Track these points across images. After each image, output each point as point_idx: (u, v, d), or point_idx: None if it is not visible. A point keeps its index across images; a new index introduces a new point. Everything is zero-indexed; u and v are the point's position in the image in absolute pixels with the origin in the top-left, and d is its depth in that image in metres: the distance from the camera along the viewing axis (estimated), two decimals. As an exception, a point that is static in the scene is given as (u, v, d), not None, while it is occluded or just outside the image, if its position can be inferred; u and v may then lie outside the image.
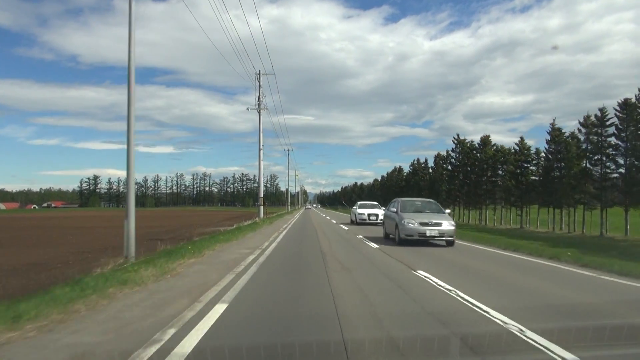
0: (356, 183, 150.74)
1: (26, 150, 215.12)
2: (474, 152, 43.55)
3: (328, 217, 43.68)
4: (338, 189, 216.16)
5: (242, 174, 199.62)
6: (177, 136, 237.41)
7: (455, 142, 46.14)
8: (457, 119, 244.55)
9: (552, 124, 33.81)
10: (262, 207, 34.94)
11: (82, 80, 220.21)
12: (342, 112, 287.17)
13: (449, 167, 48.59)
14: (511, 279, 8.18)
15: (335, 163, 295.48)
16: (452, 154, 47.49)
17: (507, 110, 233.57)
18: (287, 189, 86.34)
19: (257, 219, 31.04)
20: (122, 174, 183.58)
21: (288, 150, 63.68)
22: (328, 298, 5.92)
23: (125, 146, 9.57)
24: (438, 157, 52.07)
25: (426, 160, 58.27)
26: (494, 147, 41.49)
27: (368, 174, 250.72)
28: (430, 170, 55.06)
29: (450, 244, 13.72)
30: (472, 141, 44.93)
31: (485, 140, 42.31)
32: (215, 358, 3.68)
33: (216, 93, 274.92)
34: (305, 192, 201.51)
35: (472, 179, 43.30)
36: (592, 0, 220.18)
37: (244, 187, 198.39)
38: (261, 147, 33.54)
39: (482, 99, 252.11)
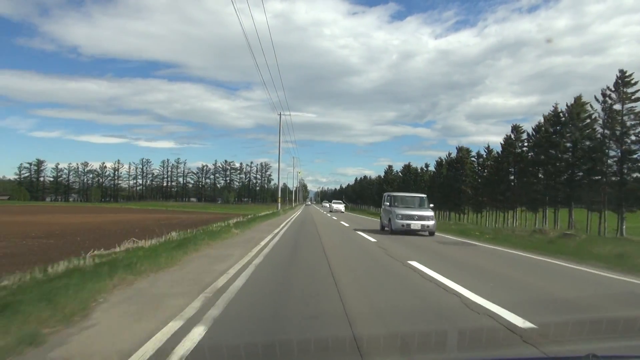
0: (390, 166, 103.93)
1: (27, 142, 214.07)
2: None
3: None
4: (338, 186, 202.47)
5: (226, 160, 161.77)
6: (178, 131, 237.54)
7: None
8: (459, 119, 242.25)
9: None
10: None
11: (83, 72, 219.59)
12: (344, 110, 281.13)
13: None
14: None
15: (336, 161, 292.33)
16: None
17: (510, 112, 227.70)
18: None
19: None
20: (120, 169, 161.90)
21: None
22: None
23: (126, 140, 9.08)
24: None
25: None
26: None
27: (369, 173, 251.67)
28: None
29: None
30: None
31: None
32: None
33: (218, 88, 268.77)
34: (305, 188, 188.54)
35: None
36: (601, 1, 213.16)
37: (227, 179, 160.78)
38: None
39: (486, 99, 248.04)
